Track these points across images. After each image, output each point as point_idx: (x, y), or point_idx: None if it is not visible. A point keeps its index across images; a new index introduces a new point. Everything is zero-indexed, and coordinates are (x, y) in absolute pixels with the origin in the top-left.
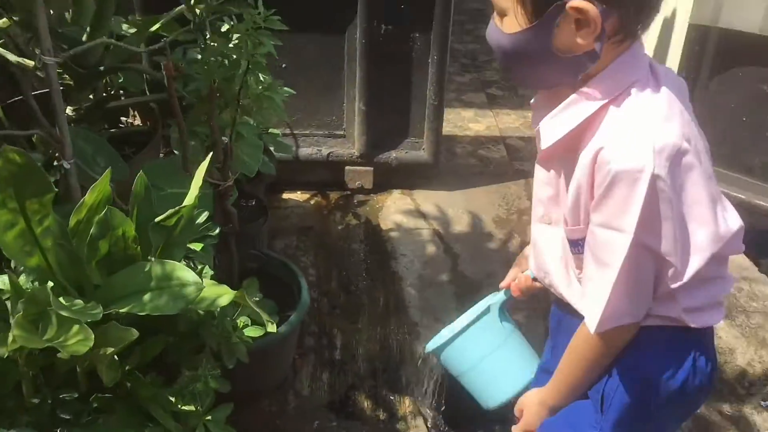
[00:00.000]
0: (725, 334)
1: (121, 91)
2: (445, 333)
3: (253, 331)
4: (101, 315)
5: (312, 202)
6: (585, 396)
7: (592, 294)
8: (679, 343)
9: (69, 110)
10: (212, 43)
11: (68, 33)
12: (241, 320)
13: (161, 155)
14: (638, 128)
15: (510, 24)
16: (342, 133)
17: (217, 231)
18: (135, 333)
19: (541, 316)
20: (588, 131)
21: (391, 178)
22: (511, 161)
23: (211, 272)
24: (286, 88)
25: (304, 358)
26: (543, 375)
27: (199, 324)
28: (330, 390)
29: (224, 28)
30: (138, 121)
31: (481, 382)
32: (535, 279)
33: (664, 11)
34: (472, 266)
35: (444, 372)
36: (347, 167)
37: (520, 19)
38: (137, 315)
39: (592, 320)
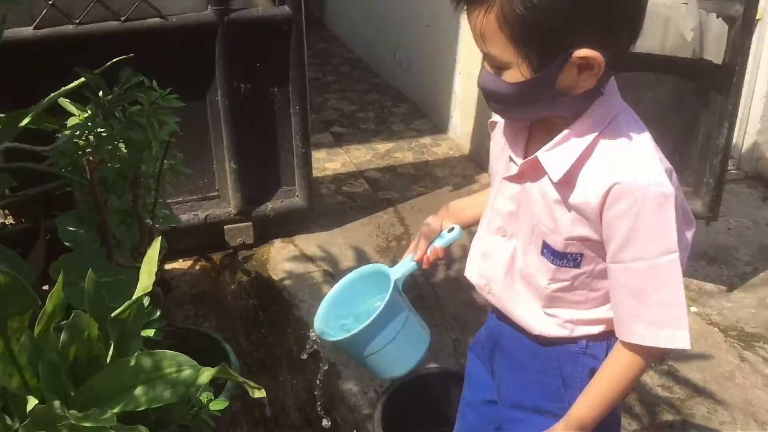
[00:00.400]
0: None
1: None
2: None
3: (218, 404)
4: (115, 418)
5: (197, 267)
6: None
7: (653, 318)
8: None
9: None
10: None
11: None
12: (204, 395)
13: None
14: (646, 157)
15: (513, 75)
16: (216, 193)
17: (159, 314)
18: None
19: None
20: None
21: (270, 229)
22: (375, 192)
23: None
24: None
25: (235, 423)
26: (484, 407)
27: (170, 407)
28: None
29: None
30: (10, 220)
31: (385, 361)
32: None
33: None
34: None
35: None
36: (226, 226)
37: (524, 71)
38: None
39: (665, 341)
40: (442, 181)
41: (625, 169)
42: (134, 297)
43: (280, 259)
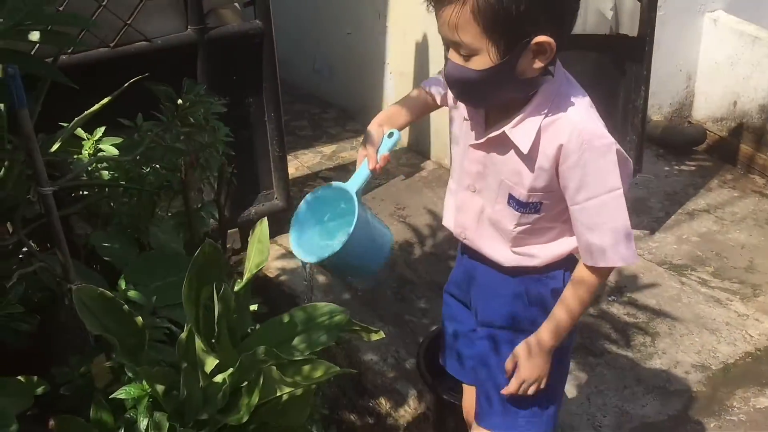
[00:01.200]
0: None
1: None
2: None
3: None
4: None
5: None
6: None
7: (606, 243)
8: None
9: None
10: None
11: None
12: None
13: None
14: (587, 117)
15: (481, 62)
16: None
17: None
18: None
19: None
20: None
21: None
22: None
23: None
24: None
25: None
26: (465, 339)
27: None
28: None
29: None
30: None
31: (361, 264)
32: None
33: None
34: (362, 281)
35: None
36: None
37: (492, 57)
38: None
39: (616, 260)
40: (392, 172)
41: (572, 129)
42: (248, 274)
43: (270, 258)
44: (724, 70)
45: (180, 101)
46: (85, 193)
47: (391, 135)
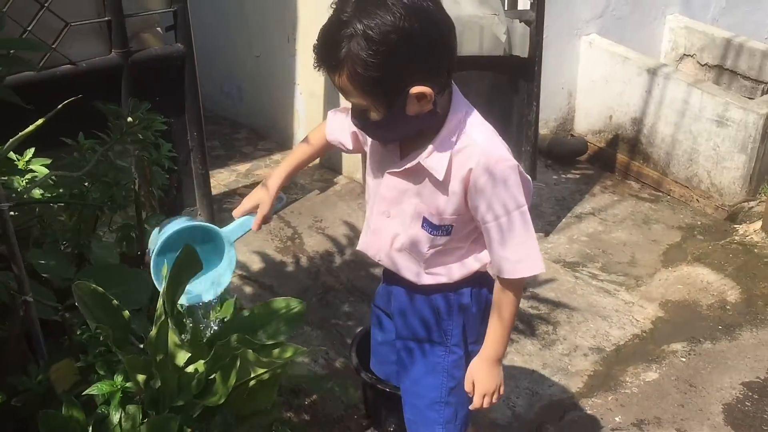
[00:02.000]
0: None
1: None
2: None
3: None
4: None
5: None
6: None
7: (517, 257)
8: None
9: None
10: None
11: None
12: None
13: None
14: (491, 144)
15: (374, 115)
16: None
17: None
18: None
19: None
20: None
21: None
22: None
23: None
24: None
25: None
26: (389, 346)
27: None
28: None
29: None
30: None
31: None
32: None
33: None
34: (286, 288)
35: None
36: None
37: (380, 111)
38: None
39: (528, 271)
40: (307, 187)
41: (480, 154)
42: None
43: None
44: (600, 87)
45: (130, 119)
46: (14, 213)
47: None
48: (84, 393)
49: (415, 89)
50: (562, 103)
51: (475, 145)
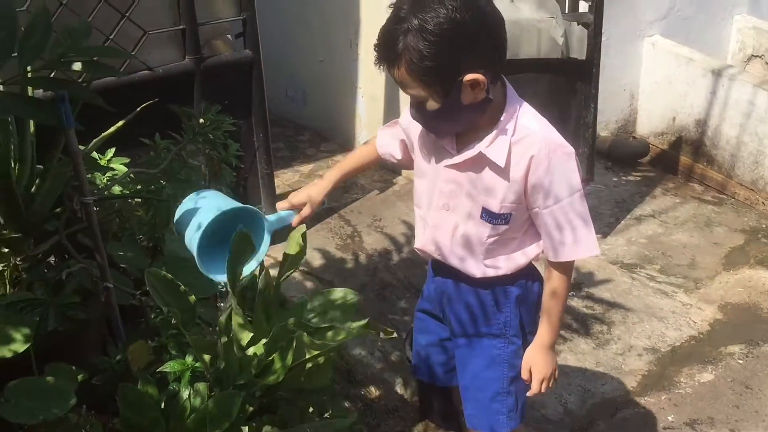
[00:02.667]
0: None
1: None
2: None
3: None
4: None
5: None
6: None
7: (574, 239)
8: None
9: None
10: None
11: None
12: None
13: None
14: (547, 131)
15: (431, 105)
16: None
17: None
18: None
19: None
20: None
21: None
22: None
23: None
24: None
25: None
26: (437, 348)
27: None
28: None
29: None
30: None
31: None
32: None
33: None
34: (346, 284)
35: None
36: None
37: (437, 100)
38: None
39: (584, 252)
40: (367, 187)
41: (540, 142)
42: (289, 270)
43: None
44: (663, 88)
45: (201, 120)
46: (97, 208)
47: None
48: (157, 371)
49: (469, 77)
50: (624, 105)
51: (535, 133)
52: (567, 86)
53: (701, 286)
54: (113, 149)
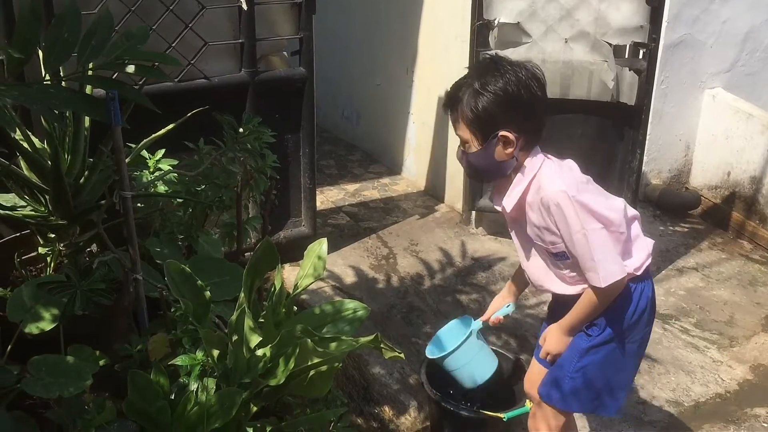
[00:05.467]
0: None
1: None
2: (444, 344)
3: None
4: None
5: None
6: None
7: (589, 269)
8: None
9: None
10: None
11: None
12: None
13: None
14: (552, 179)
15: (472, 148)
16: None
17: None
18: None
19: None
20: (525, 198)
21: (281, 256)
22: (357, 223)
23: None
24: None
25: None
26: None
27: None
28: None
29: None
30: None
31: (467, 374)
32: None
33: None
34: (374, 303)
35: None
36: (247, 254)
37: (475, 145)
38: None
39: (600, 282)
40: (408, 211)
41: (543, 193)
42: (306, 281)
43: (293, 278)
44: (720, 142)
45: (241, 129)
46: (140, 205)
47: (508, 306)
48: (170, 363)
49: (504, 132)
50: (679, 155)
51: (542, 184)
52: (615, 130)
53: (735, 345)
54: (163, 150)
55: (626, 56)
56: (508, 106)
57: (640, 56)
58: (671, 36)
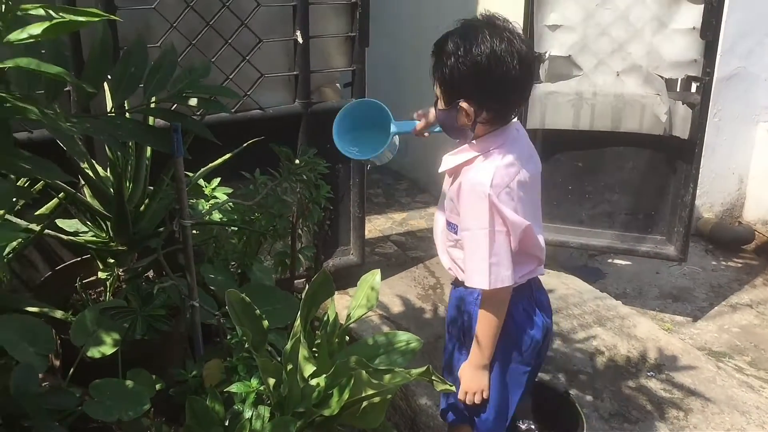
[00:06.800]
0: (606, 336)
1: None
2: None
3: None
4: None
5: None
6: None
7: (471, 268)
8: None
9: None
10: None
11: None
12: None
13: None
14: (485, 171)
15: (439, 105)
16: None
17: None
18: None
19: None
20: (463, 168)
21: None
22: (404, 252)
23: None
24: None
25: None
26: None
27: None
28: None
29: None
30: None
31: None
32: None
33: None
34: (421, 333)
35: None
36: (297, 281)
37: (441, 104)
38: None
39: (475, 283)
40: None
41: (470, 176)
42: (360, 311)
43: (341, 306)
44: None
45: (297, 161)
46: (196, 232)
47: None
48: (225, 390)
49: (463, 103)
50: (731, 189)
51: (474, 168)
52: (667, 163)
53: None
54: (218, 179)
55: (678, 89)
56: (474, 78)
57: (693, 89)
58: (725, 69)
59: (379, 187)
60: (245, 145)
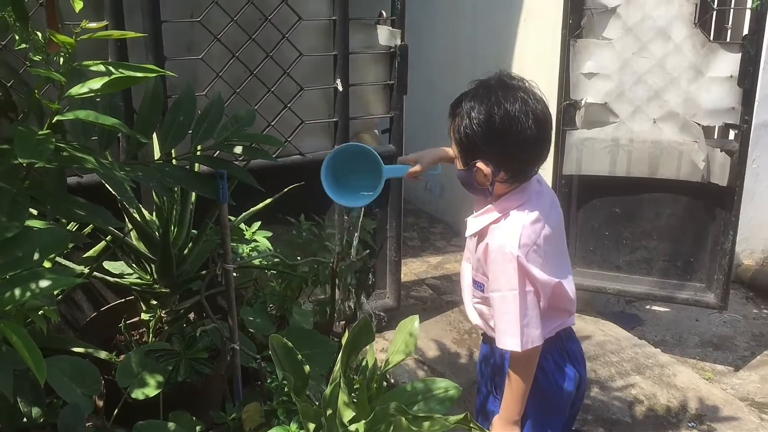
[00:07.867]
0: (645, 385)
1: None
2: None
3: None
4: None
5: None
6: None
7: (502, 329)
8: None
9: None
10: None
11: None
12: None
13: None
14: (512, 232)
15: (458, 164)
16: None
17: None
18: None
19: None
20: (489, 227)
21: None
22: (439, 296)
23: None
24: None
25: None
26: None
27: None
28: None
29: None
30: None
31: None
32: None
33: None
34: (456, 378)
35: None
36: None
37: (459, 164)
38: None
39: (508, 345)
40: None
41: (496, 237)
42: (398, 357)
43: (377, 350)
44: None
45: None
46: (236, 275)
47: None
48: None
49: (479, 164)
50: None
51: (499, 228)
52: (706, 210)
53: None
54: (258, 223)
55: (716, 137)
56: (490, 138)
57: (731, 136)
58: (762, 116)
59: (414, 230)
60: (286, 190)
